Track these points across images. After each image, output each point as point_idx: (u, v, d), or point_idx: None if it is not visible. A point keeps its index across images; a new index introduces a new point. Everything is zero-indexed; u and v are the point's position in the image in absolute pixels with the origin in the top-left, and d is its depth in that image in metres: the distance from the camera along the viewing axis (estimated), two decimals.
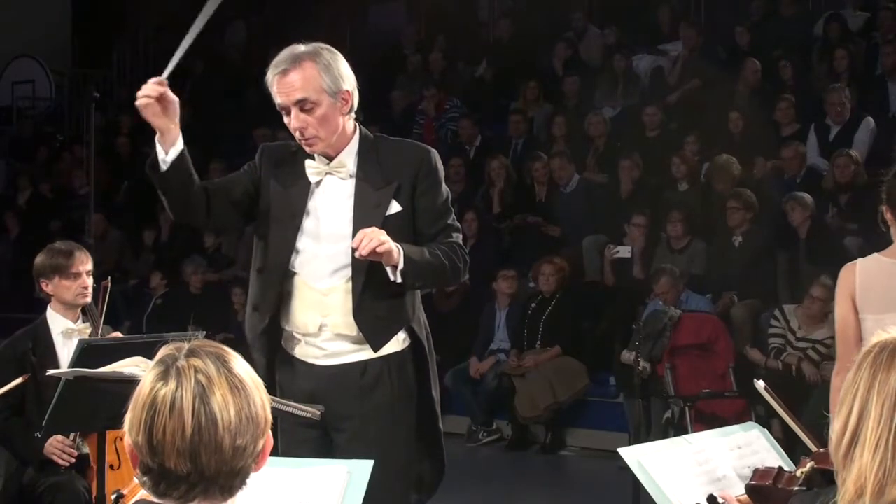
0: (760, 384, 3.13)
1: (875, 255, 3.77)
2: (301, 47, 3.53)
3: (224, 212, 3.66)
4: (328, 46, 3.58)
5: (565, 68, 11.83)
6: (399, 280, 3.43)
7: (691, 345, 7.94)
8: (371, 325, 3.54)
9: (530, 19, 13.04)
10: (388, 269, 3.42)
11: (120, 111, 14.33)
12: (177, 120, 3.48)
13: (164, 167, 3.48)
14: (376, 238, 3.35)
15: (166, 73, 3.44)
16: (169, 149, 3.47)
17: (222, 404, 1.89)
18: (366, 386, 3.56)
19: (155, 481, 1.91)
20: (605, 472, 7.86)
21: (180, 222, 3.76)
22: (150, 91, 3.41)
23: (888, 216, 3.73)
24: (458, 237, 3.64)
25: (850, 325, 3.75)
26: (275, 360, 3.67)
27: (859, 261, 3.78)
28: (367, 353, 3.57)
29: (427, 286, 3.71)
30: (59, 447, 4.75)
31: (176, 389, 1.89)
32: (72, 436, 4.77)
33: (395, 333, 3.58)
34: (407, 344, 3.62)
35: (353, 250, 3.41)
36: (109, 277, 5.23)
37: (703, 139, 9.93)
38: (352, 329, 3.55)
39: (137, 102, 3.43)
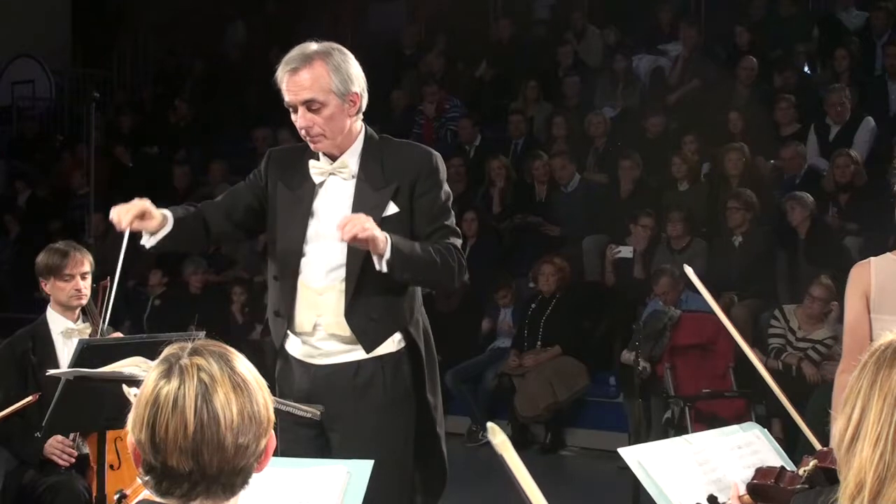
0: (689, 269, 3.14)
1: (888, 254, 3.73)
2: (313, 45, 3.53)
3: (226, 234, 3.81)
4: (340, 47, 3.58)
5: (565, 68, 11.83)
6: (385, 270, 3.40)
7: (691, 345, 7.94)
8: (363, 326, 3.53)
9: (530, 19, 13.05)
10: (375, 258, 3.40)
11: (120, 111, 14.34)
12: (153, 220, 3.60)
13: (150, 245, 3.66)
14: (360, 224, 3.33)
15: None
16: (154, 234, 3.62)
17: (224, 403, 1.90)
18: (359, 386, 3.56)
19: (157, 480, 1.92)
20: (605, 472, 7.87)
21: None
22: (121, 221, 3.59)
23: None
24: (455, 241, 3.61)
25: (862, 324, 3.70)
26: (279, 354, 3.68)
27: (873, 259, 3.74)
28: (360, 353, 3.57)
29: (418, 281, 3.62)
30: (59, 447, 4.75)
31: (179, 387, 1.90)
32: (71, 436, 4.77)
33: (389, 336, 3.57)
34: (403, 345, 3.61)
35: (349, 249, 3.44)
36: (108, 277, 5.23)
37: (703, 139, 9.93)
38: (344, 329, 3.54)
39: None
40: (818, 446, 2.95)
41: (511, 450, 1.88)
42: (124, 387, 3.34)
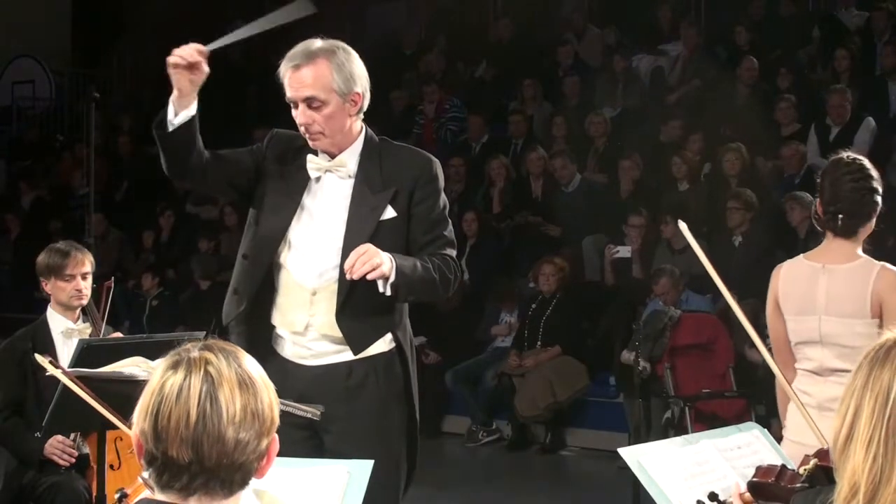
0: (682, 224, 3.20)
1: (800, 256, 3.85)
2: (318, 43, 3.52)
3: (220, 183, 3.68)
4: (345, 45, 3.57)
5: (565, 68, 11.84)
6: (389, 293, 3.40)
7: (691, 345, 7.94)
8: (353, 327, 3.52)
9: (530, 19, 13.05)
10: (380, 282, 3.38)
11: (120, 111, 14.34)
12: (197, 87, 3.44)
13: (170, 128, 3.45)
14: (369, 262, 3.31)
15: (211, 46, 3.43)
16: (180, 111, 3.44)
17: (229, 397, 1.92)
18: (352, 387, 3.54)
19: (158, 472, 1.93)
20: (605, 472, 7.87)
21: (172, 178, 3.74)
22: (186, 55, 3.38)
23: (819, 209, 3.75)
24: (451, 252, 3.59)
25: (775, 327, 3.86)
26: (257, 352, 3.65)
27: (786, 263, 3.87)
28: (351, 354, 3.56)
29: (418, 300, 3.68)
30: (59, 447, 4.75)
31: (184, 379, 1.93)
32: (73, 436, 4.77)
33: (378, 338, 3.56)
34: (394, 346, 3.60)
35: (344, 251, 3.42)
36: (112, 278, 5.23)
37: (704, 139, 9.93)
38: (336, 330, 3.53)
39: (169, 59, 3.38)
40: (822, 442, 2.95)
41: None
42: (37, 356, 3.34)
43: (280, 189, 3.59)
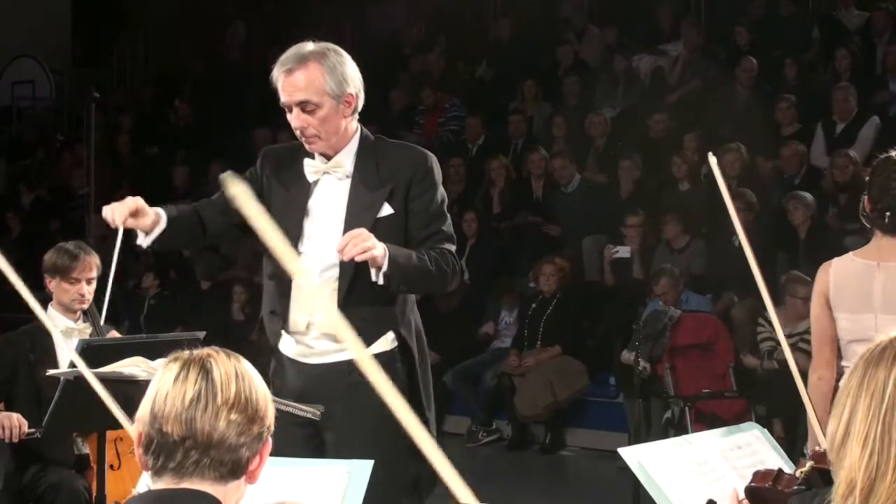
0: (713, 158, 3.18)
1: (849, 254, 3.85)
2: (309, 46, 3.54)
3: (222, 233, 3.79)
4: (336, 47, 3.58)
5: (565, 68, 11.84)
6: (381, 282, 3.42)
7: (691, 345, 7.94)
8: (353, 325, 3.53)
9: (530, 19, 13.05)
10: (373, 271, 3.41)
11: (120, 111, 14.33)
12: (147, 217, 3.58)
13: (145, 246, 3.67)
14: (361, 245, 3.34)
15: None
16: (147, 235, 3.62)
17: (225, 382, 2.02)
18: (353, 385, 3.55)
19: (155, 455, 2.01)
20: (605, 472, 7.87)
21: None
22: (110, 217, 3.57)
23: (868, 206, 3.74)
24: (450, 247, 3.61)
25: (822, 324, 3.83)
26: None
27: (834, 260, 3.85)
28: (352, 353, 3.57)
29: (412, 291, 3.68)
30: (9, 423, 4.58)
31: (183, 366, 2.04)
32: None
33: (379, 336, 3.57)
34: (395, 345, 3.61)
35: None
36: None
37: (704, 139, 9.93)
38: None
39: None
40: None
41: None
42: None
43: (286, 202, 3.63)
